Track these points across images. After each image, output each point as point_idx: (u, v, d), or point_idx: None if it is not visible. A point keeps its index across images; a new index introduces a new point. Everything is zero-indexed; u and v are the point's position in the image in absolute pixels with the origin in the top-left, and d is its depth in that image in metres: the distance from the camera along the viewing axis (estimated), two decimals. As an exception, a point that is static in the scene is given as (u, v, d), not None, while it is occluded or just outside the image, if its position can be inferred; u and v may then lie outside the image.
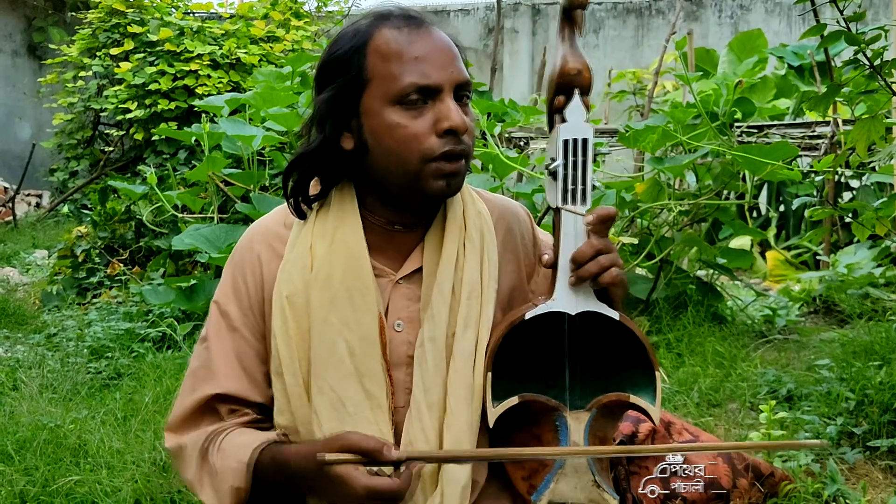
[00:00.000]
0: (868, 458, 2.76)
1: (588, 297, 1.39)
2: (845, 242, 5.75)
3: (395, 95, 1.38)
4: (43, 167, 11.27)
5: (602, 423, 1.43)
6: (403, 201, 1.46)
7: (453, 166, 1.40)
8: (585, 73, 1.39)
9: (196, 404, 1.49)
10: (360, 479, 1.28)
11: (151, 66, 8.80)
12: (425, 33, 1.41)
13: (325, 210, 1.49)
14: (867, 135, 3.05)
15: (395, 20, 1.42)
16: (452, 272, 1.46)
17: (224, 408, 1.48)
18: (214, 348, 1.50)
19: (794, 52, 8.62)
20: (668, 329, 4.15)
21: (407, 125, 1.38)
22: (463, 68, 1.43)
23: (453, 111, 1.38)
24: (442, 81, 1.39)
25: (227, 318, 1.51)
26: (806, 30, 3.15)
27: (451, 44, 1.43)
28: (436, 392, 1.42)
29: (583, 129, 1.39)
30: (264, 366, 1.49)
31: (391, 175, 1.43)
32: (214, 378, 1.48)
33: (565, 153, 1.38)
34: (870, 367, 3.21)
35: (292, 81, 5.17)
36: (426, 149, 1.38)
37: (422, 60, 1.38)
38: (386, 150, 1.41)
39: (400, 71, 1.38)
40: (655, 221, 4.69)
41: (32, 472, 2.72)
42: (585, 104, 1.40)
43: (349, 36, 1.44)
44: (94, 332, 4.30)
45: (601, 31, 12.21)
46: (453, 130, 1.38)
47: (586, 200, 1.39)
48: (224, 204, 4.81)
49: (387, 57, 1.39)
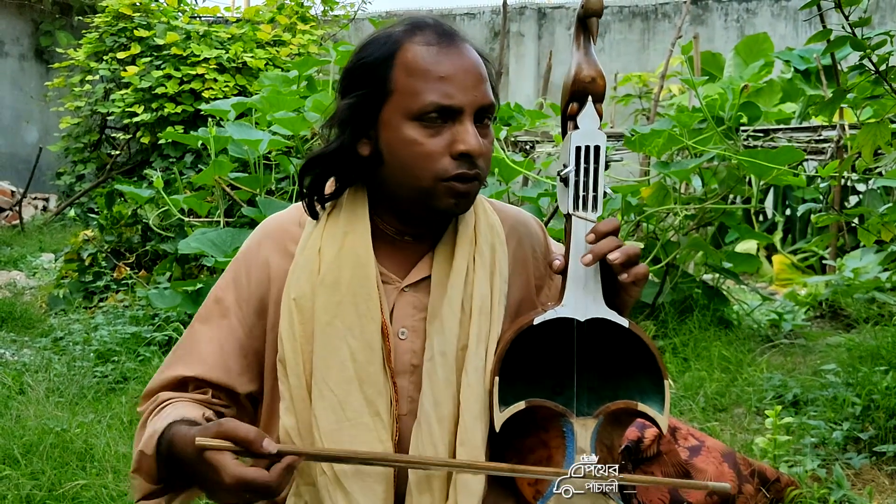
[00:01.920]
0: (874, 464, 2.76)
1: (597, 304, 1.39)
2: (851, 246, 5.74)
3: (414, 111, 1.38)
4: (50, 171, 11.30)
5: (609, 430, 1.43)
6: (413, 213, 1.47)
7: (465, 187, 1.40)
8: (599, 81, 1.39)
9: (168, 381, 1.50)
10: (231, 468, 1.24)
11: (158, 69, 8.83)
12: (455, 52, 1.40)
13: (336, 213, 1.50)
14: (873, 139, 3.04)
15: (427, 33, 1.41)
16: (462, 285, 1.45)
17: (192, 388, 1.50)
18: (199, 331, 1.52)
19: (801, 55, 8.62)
20: (674, 333, 4.15)
21: (423, 143, 1.38)
22: (488, 91, 1.42)
23: (470, 134, 1.38)
24: (464, 104, 1.38)
25: (219, 305, 1.52)
26: (812, 35, 3.15)
27: (480, 65, 1.42)
28: (446, 406, 1.42)
29: (595, 136, 1.39)
30: (245, 358, 1.50)
31: (403, 188, 1.43)
32: (191, 360, 1.50)
33: (577, 160, 1.39)
34: (876, 371, 3.21)
35: (298, 85, 5.17)
36: (439, 168, 1.38)
37: (446, 80, 1.37)
38: (400, 164, 1.41)
39: (423, 88, 1.37)
40: (661, 225, 4.68)
41: (39, 475, 2.73)
42: (599, 112, 1.40)
43: (380, 42, 1.43)
44: (101, 335, 4.31)
45: (607, 34, 12.22)
46: (468, 154, 1.38)
47: (597, 207, 1.39)
48: (230, 208, 4.82)
49: (412, 72, 1.38)
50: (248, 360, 1.50)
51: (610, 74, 11.42)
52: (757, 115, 4.70)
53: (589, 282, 1.38)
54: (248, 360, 1.51)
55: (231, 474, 1.24)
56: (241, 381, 1.50)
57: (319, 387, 1.41)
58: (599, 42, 12.11)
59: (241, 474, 1.24)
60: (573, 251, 1.38)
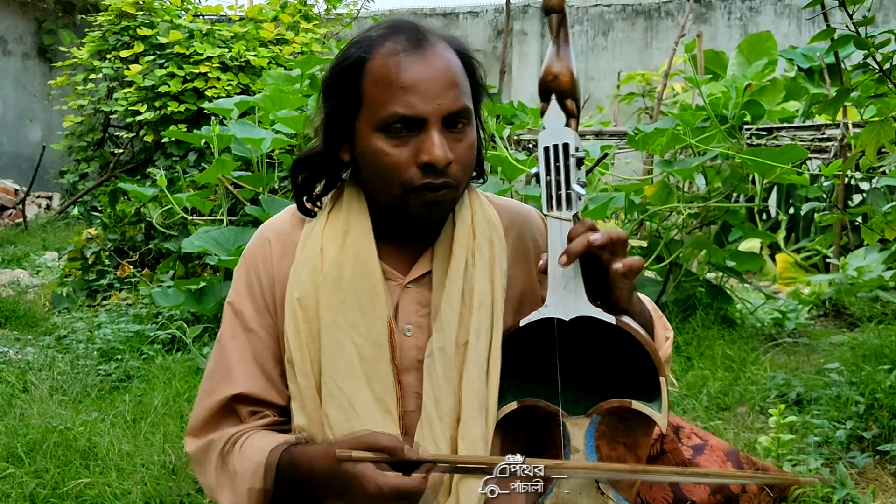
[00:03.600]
0: (878, 463, 2.75)
1: (581, 302, 1.38)
2: (855, 245, 5.73)
3: (379, 122, 1.38)
4: (53, 169, 11.30)
5: (621, 428, 1.42)
6: (392, 218, 1.48)
7: (435, 196, 1.40)
8: (563, 78, 1.38)
9: (215, 407, 1.48)
10: (374, 477, 1.26)
11: (161, 68, 8.83)
12: (422, 58, 1.38)
13: (336, 211, 1.50)
14: (877, 138, 3.04)
15: (397, 40, 1.40)
16: (461, 280, 1.45)
17: (244, 409, 1.48)
18: (230, 349, 1.50)
19: (804, 54, 8.58)
20: (678, 332, 4.14)
21: (389, 153, 1.38)
22: (459, 95, 1.39)
23: (435, 145, 1.36)
24: (426, 113, 1.36)
25: (241, 318, 1.51)
26: (816, 33, 3.15)
27: (449, 69, 1.40)
28: (447, 402, 1.42)
29: (562, 134, 1.38)
30: (280, 366, 1.49)
31: (379, 195, 1.45)
32: (231, 379, 1.48)
33: (546, 160, 1.39)
34: (880, 370, 3.20)
35: (301, 84, 5.17)
36: (406, 179, 1.38)
37: (409, 90, 1.36)
38: (372, 173, 1.42)
39: (387, 98, 1.37)
40: (664, 224, 4.68)
41: (42, 474, 2.73)
42: (569, 108, 1.39)
43: (355, 47, 1.43)
44: (104, 334, 4.31)
45: (610, 32, 12.20)
46: (431, 165, 1.37)
47: (571, 205, 1.38)
48: (233, 206, 4.82)
49: (378, 81, 1.38)
50: (283, 366, 1.49)
51: (613, 73, 11.43)
52: (760, 113, 4.68)
53: (570, 281, 1.37)
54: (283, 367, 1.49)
55: (377, 483, 1.26)
56: (282, 389, 1.49)
57: (328, 385, 1.41)
58: (602, 40, 12.11)
59: (388, 483, 1.26)
60: (550, 251, 1.38)
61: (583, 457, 1.39)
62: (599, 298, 1.40)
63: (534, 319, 1.40)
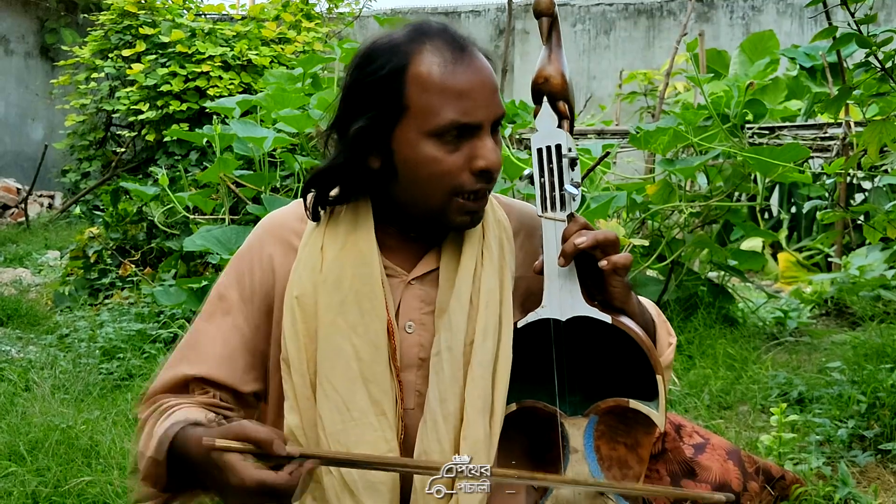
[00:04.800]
0: (879, 462, 2.75)
1: (577, 302, 1.38)
2: (857, 244, 5.72)
3: (432, 129, 1.35)
4: (55, 168, 11.31)
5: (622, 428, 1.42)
6: (422, 226, 1.46)
7: (478, 205, 1.41)
8: (553, 80, 1.39)
9: (172, 381, 1.49)
10: (239, 469, 1.21)
11: (163, 67, 8.83)
12: (468, 63, 1.37)
13: (338, 212, 1.49)
14: (879, 137, 3.03)
15: (436, 43, 1.38)
16: (471, 280, 1.44)
17: (197, 389, 1.47)
18: (202, 329, 1.51)
19: (806, 53, 8.57)
20: (679, 331, 4.14)
21: (442, 160, 1.36)
22: (500, 100, 1.40)
23: (490, 150, 1.37)
24: (483, 119, 1.36)
25: (223, 302, 1.51)
26: (817, 32, 3.15)
27: (492, 74, 1.41)
28: (452, 402, 1.41)
29: (554, 135, 1.39)
30: (250, 356, 1.48)
31: (415, 206, 1.42)
32: (196, 359, 1.48)
33: (539, 162, 1.39)
34: (881, 369, 3.20)
35: (303, 83, 5.18)
36: (457, 185, 1.37)
37: (464, 96, 1.35)
38: (415, 181, 1.39)
39: (440, 105, 1.34)
40: (666, 223, 4.68)
41: (44, 472, 2.73)
42: (561, 110, 1.40)
43: (386, 53, 1.38)
44: (106, 332, 4.31)
45: (612, 32, 12.19)
46: (489, 171, 1.37)
47: (565, 206, 1.39)
48: (235, 205, 4.82)
49: (427, 87, 1.35)
50: (254, 357, 1.49)
51: (615, 72, 11.41)
52: (762, 112, 4.69)
53: (566, 282, 1.38)
54: (254, 358, 1.49)
55: (246, 476, 1.21)
56: (245, 380, 1.48)
57: (324, 386, 1.40)
58: (604, 39, 12.10)
59: (257, 476, 1.21)
60: (545, 252, 1.39)
61: (582, 457, 1.40)
62: (595, 298, 1.40)
63: (531, 321, 1.40)
